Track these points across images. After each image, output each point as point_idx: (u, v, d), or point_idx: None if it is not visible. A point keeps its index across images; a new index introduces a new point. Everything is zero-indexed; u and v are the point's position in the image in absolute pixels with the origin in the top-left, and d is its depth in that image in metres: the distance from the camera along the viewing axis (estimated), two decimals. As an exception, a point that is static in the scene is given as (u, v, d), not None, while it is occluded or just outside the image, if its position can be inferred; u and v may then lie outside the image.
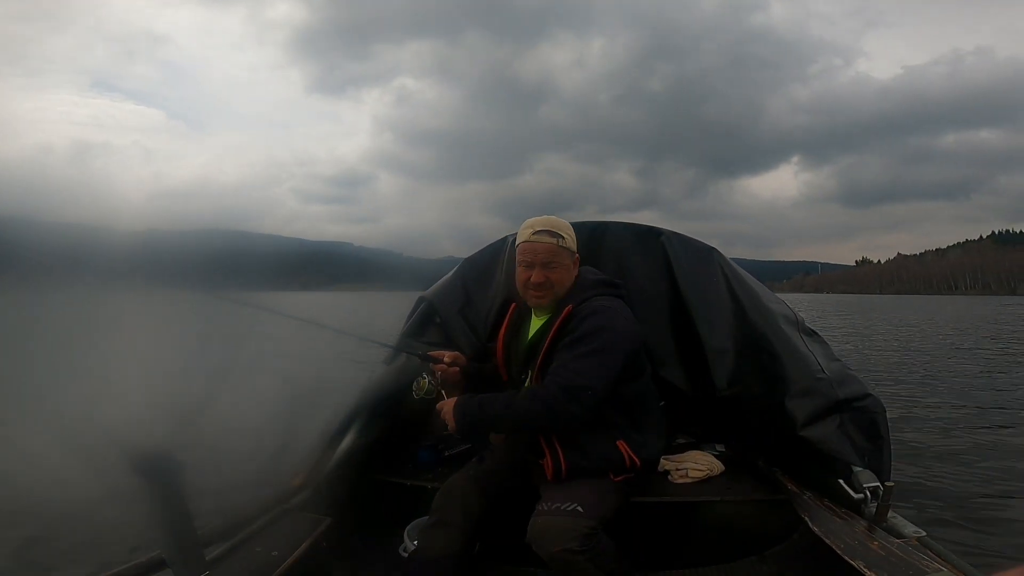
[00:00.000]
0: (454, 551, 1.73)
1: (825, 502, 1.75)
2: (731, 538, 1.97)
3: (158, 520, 1.17)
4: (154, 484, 1.11)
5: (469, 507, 1.78)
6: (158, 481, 1.11)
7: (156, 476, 1.10)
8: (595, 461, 1.69)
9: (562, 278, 1.73)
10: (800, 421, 1.84)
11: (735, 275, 2.28)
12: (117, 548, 2.77)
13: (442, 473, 2.14)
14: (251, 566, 1.48)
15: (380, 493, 2.22)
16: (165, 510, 1.15)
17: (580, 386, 1.55)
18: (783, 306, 2.28)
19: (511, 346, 1.90)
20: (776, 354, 2.01)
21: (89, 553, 2.82)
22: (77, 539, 2.94)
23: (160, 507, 1.14)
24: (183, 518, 1.19)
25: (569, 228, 1.77)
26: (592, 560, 1.54)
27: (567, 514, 1.57)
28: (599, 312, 1.65)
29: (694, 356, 2.21)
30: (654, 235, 2.41)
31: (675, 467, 2.07)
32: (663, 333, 2.29)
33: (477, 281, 2.46)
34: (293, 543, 1.61)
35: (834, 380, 1.92)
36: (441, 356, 1.87)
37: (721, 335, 2.16)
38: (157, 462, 1.10)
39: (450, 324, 2.35)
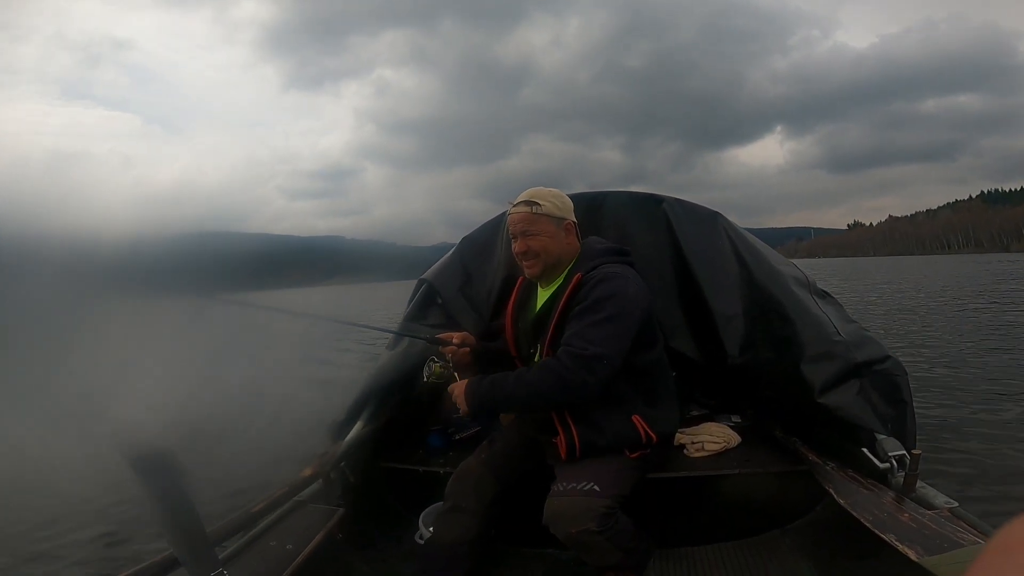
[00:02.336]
0: (470, 536, 1.71)
1: (849, 472, 1.69)
2: (751, 512, 1.94)
3: (166, 520, 1.12)
4: (155, 483, 1.06)
5: (483, 491, 1.75)
6: (159, 479, 1.06)
7: (157, 474, 1.06)
8: (610, 438, 1.63)
9: (546, 245, 1.66)
10: (817, 387, 1.77)
11: (741, 239, 2.21)
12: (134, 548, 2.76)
13: (453, 457, 2.11)
14: (266, 561, 1.45)
15: (392, 481, 2.20)
16: (171, 509, 1.11)
17: (594, 355, 1.48)
18: (793, 268, 2.21)
19: (519, 321, 1.84)
20: (788, 318, 1.94)
21: (104, 555, 2.81)
22: (91, 541, 2.93)
23: (165, 506, 1.10)
24: (191, 516, 1.15)
25: (554, 196, 1.69)
26: (611, 539, 1.51)
27: (583, 494, 1.52)
28: (609, 279, 1.58)
29: (703, 324, 2.15)
30: (655, 202, 2.35)
31: (691, 440, 2.03)
32: (670, 302, 2.23)
33: (477, 259, 2.41)
34: (307, 536, 1.57)
35: (851, 343, 1.84)
36: (450, 338, 1.81)
37: (729, 301, 2.10)
38: (156, 460, 1.05)
39: (451, 304, 2.29)
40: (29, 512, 3.19)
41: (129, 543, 2.87)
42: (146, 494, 1.06)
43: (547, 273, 1.71)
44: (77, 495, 3.28)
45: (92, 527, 3.13)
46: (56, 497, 3.37)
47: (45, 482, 3.38)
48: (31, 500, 3.23)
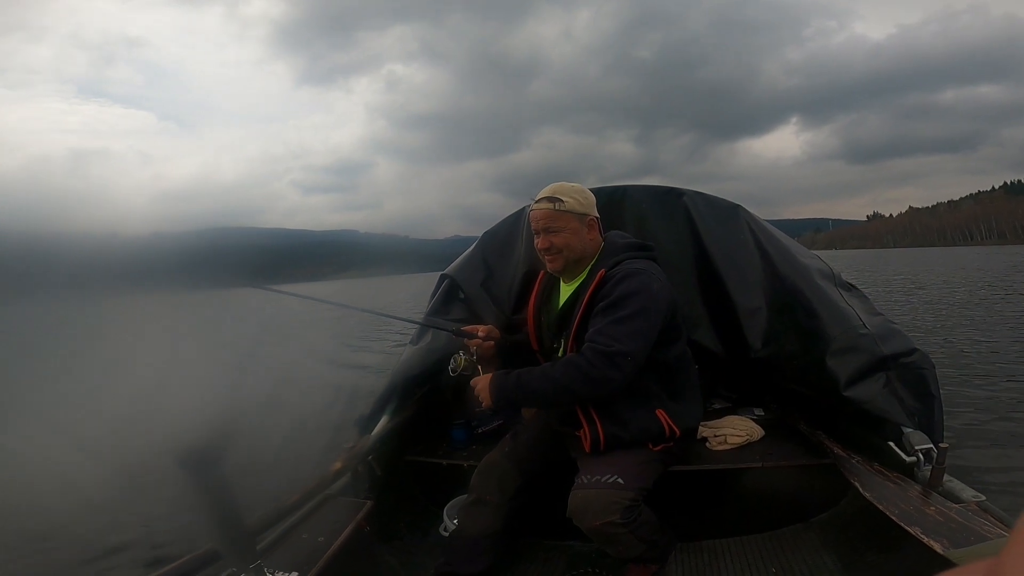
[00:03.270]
0: (494, 529, 1.73)
1: (875, 466, 1.67)
2: (774, 505, 1.92)
3: (209, 513, 1.16)
4: (201, 477, 1.10)
5: (506, 484, 1.77)
6: (204, 473, 1.09)
7: (202, 469, 1.09)
8: (634, 432, 1.64)
9: (568, 241, 1.67)
10: (843, 380, 1.76)
11: (763, 231, 2.19)
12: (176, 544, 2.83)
13: (477, 451, 2.13)
14: (299, 553, 1.49)
15: (417, 474, 2.23)
16: (214, 502, 1.15)
17: (618, 352, 1.49)
18: (817, 260, 2.19)
19: (541, 316, 1.85)
20: (812, 310, 1.92)
21: (148, 550, 2.90)
22: (134, 538, 3.03)
23: (209, 500, 1.14)
24: (232, 510, 1.18)
25: (577, 192, 1.70)
26: (634, 532, 1.52)
27: (607, 486, 1.54)
28: (633, 275, 1.59)
29: (726, 317, 2.14)
30: (676, 195, 2.33)
31: (713, 434, 2.03)
32: (692, 295, 2.22)
33: (498, 254, 2.42)
34: (337, 528, 1.61)
35: (877, 335, 1.81)
36: (475, 331, 1.83)
37: (752, 293, 2.08)
38: (201, 455, 1.08)
39: (474, 299, 2.31)
40: (60, 515, 3.29)
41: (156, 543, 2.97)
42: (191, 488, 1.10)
43: (570, 268, 1.72)
44: (103, 496, 3.37)
45: (121, 527, 3.23)
46: (83, 499, 3.47)
47: (75, 484, 3.48)
48: (59, 503, 3.32)
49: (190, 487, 1.09)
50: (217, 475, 1.11)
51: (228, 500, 1.16)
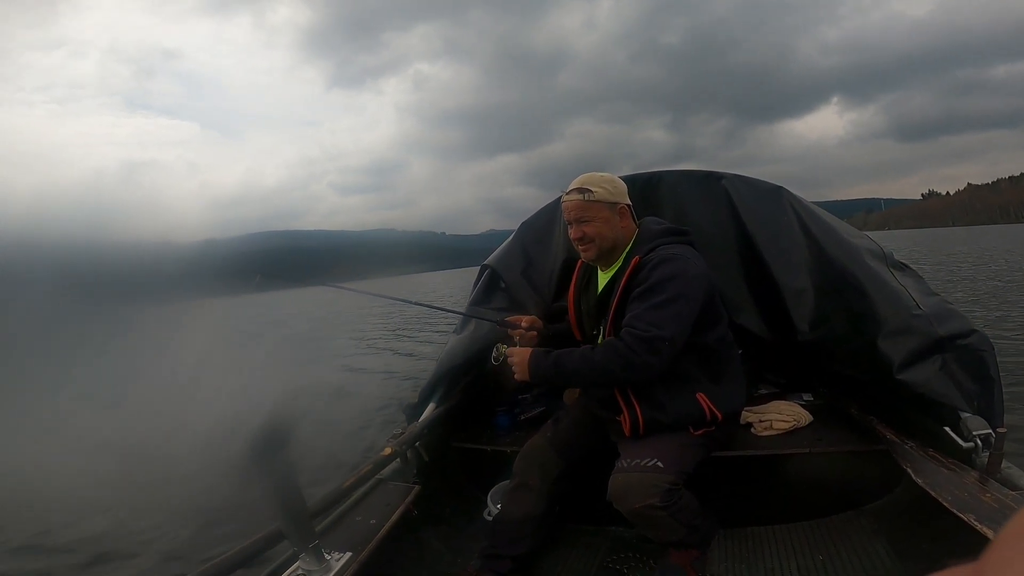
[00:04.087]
0: (536, 513, 1.77)
1: (930, 452, 1.62)
2: (823, 492, 1.88)
3: (274, 495, 1.24)
4: (268, 459, 1.17)
5: (548, 469, 1.81)
6: (271, 456, 1.17)
7: (269, 450, 1.17)
8: (674, 416, 1.65)
9: (600, 231, 1.68)
10: (897, 363, 1.70)
11: (808, 212, 2.13)
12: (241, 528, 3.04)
13: (519, 437, 2.18)
14: (353, 535, 1.57)
15: (462, 459, 2.30)
16: (279, 483, 1.22)
17: (656, 337, 1.50)
18: (867, 240, 2.11)
19: (581, 303, 1.87)
20: (863, 291, 1.85)
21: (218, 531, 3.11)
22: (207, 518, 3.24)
23: (275, 482, 1.21)
24: (295, 492, 1.26)
25: (606, 181, 1.70)
26: (674, 515, 1.53)
27: (647, 470, 1.55)
28: (668, 260, 1.59)
29: (771, 300, 2.09)
30: (714, 179, 2.29)
31: (758, 419, 2.00)
32: (735, 278, 2.18)
33: (536, 243, 2.45)
34: (387, 512, 1.68)
35: (932, 316, 1.74)
36: (519, 321, 1.87)
37: (798, 275, 2.02)
38: (269, 436, 1.16)
39: (514, 288, 2.35)
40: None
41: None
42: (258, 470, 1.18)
43: (604, 257, 1.73)
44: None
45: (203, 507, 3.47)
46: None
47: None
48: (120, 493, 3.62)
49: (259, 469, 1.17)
50: (282, 458, 1.18)
51: (292, 482, 1.24)
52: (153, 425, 4.54)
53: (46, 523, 3.45)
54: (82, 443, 4.40)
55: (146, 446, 4.44)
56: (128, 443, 4.40)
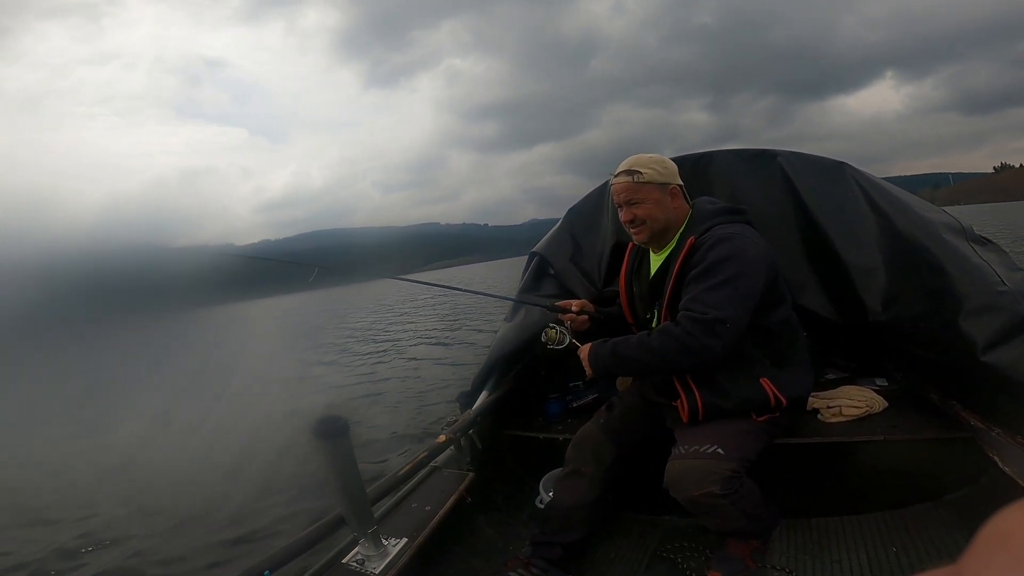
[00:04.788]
0: (589, 500, 1.75)
1: (1018, 439, 1.51)
2: (898, 482, 1.77)
3: (336, 480, 1.28)
4: (331, 446, 1.21)
5: (601, 456, 1.78)
6: (335, 443, 1.20)
7: (331, 436, 1.20)
8: (735, 401, 1.59)
9: (651, 212, 1.64)
10: (980, 344, 1.57)
11: (875, 187, 2.00)
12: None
13: (571, 424, 2.17)
14: (409, 520, 1.62)
15: (515, 447, 2.31)
16: (341, 470, 1.26)
17: (716, 319, 1.45)
18: (943, 214, 1.96)
19: (633, 287, 1.83)
20: (940, 267, 1.73)
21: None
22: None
23: (337, 468, 1.25)
24: (356, 478, 1.30)
25: (655, 162, 1.66)
26: (735, 504, 1.48)
27: (707, 457, 1.50)
28: (726, 239, 1.53)
29: (837, 280, 1.99)
30: (769, 157, 2.20)
31: (826, 405, 1.91)
32: (796, 258, 2.09)
33: (584, 228, 2.44)
34: (442, 498, 1.72)
35: (1020, 293, 1.62)
36: (569, 306, 1.86)
37: (867, 252, 1.91)
38: (331, 424, 1.19)
39: (564, 274, 2.35)
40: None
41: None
42: (322, 456, 1.22)
43: (656, 239, 1.69)
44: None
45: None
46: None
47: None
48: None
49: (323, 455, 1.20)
50: (344, 444, 1.22)
51: (353, 469, 1.27)
52: (236, 416, 4.89)
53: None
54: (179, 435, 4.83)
55: (228, 435, 4.79)
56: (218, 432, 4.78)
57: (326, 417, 1.23)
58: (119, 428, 5.73)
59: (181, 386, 6.94)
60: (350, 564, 1.44)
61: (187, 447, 4.71)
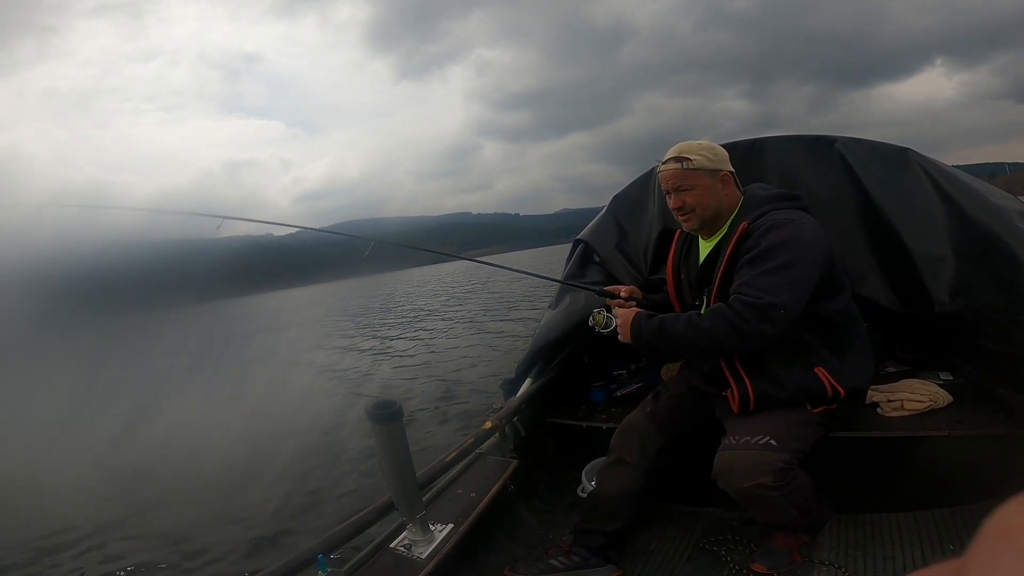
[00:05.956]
0: (633, 489, 1.74)
1: None
2: (961, 479, 1.70)
3: (388, 465, 1.31)
4: (384, 427, 1.23)
5: (647, 445, 1.76)
6: (388, 427, 1.22)
7: (386, 420, 1.22)
8: (789, 391, 1.54)
9: (701, 199, 1.61)
10: None
11: (941, 173, 1.92)
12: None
13: (615, 413, 2.16)
14: (456, 506, 1.65)
15: (558, 435, 2.32)
16: (393, 454, 1.29)
17: (770, 303, 1.41)
18: (1016, 201, 1.89)
19: (681, 274, 1.80)
20: (1014, 256, 1.65)
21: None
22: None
23: (389, 452, 1.27)
24: (407, 463, 1.32)
25: (705, 148, 1.62)
26: (787, 496, 1.44)
27: (759, 447, 1.47)
28: (781, 225, 1.49)
29: (901, 268, 1.90)
30: (826, 143, 2.13)
31: (887, 398, 1.83)
32: (857, 245, 2.01)
33: (630, 215, 2.42)
34: (486, 485, 1.74)
35: None
36: (617, 291, 1.84)
37: (935, 240, 1.83)
38: (385, 408, 1.21)
39: (609, 261, 2.34)
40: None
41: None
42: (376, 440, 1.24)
43: (707, 225, 1.65)
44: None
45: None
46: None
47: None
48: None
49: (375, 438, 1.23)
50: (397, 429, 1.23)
51: (405, 453, 1.29)
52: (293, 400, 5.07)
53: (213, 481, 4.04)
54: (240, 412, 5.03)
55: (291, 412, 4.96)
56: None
57: (380, 401, 1.25)
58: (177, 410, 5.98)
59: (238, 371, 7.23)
60: (398, 548, 1.48)
61: (246, 430, 4.90)
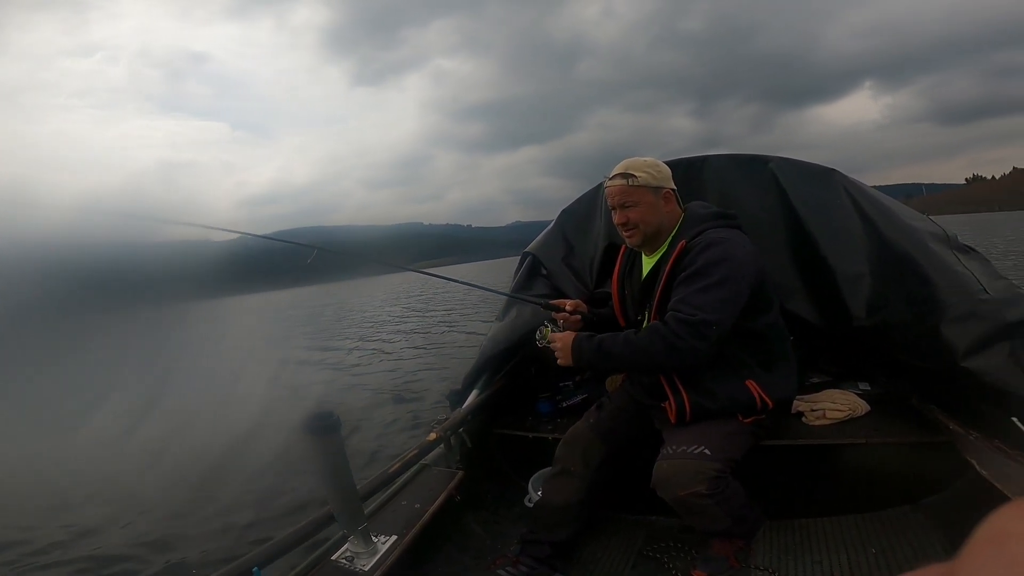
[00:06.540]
0: (577, 500, 1.77)
1: (996, 443, 1.54)
2: (879, 485, 1.81)
3: (328, 477, 1.26)
4: (321, 440, 1.19)
5: (590, 455, 1.80)
6: (326, 439, 1.19)
7: (322, 432, 1.19)
8: (722, 402, 1.61)
9: (644, 216, 1.66)
10: (961, 350, 1.61)
11: (863, 194, 2.05)
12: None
13: (561, 424, 2.18)
14: (400, 518, 1.62)
15: (504, 446, 2.32)
16: (331, 466, 1.25)
17: (703, 320, 1.47)
18: (929, 223, 2.01)
19: (625, 288, 1.86)
20: (925, 275, 1.77)
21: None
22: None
23: (328, 464, 1.23)
24: (346, 474, 1.29)
25: (649, 166, 1.68)
26: (720, 504, 1.50)
27: (694, 457, 1.53)
28: (716, 243, 1.56)
29: (824, 285, 2.02)
30: (761, 162, 2.23)
31: (810, 408, 1.94)
32: (785, 263, 2.12)
33: (577, 230, 2.46)
34: (432, 496, 1.72)
35: (1000, 300, 1.65)
36: (563, 305, 1.87)
37: (854, 258, 1.95)
38: (322, 420, 1.18)
39: (556, 274, 2.37)
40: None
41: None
42: (314, 453, 1.20)
43: (649, 242, 1.71)
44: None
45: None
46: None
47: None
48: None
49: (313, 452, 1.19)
50: (335, 441, 1.20)
51: (344, 465, 1.26)
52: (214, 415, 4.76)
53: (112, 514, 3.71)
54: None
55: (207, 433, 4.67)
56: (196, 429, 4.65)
57: (317, 413, 1.22)
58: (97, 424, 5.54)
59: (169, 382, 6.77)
60: (339, 561, 1.43)
61: (176, 441, 4.59)
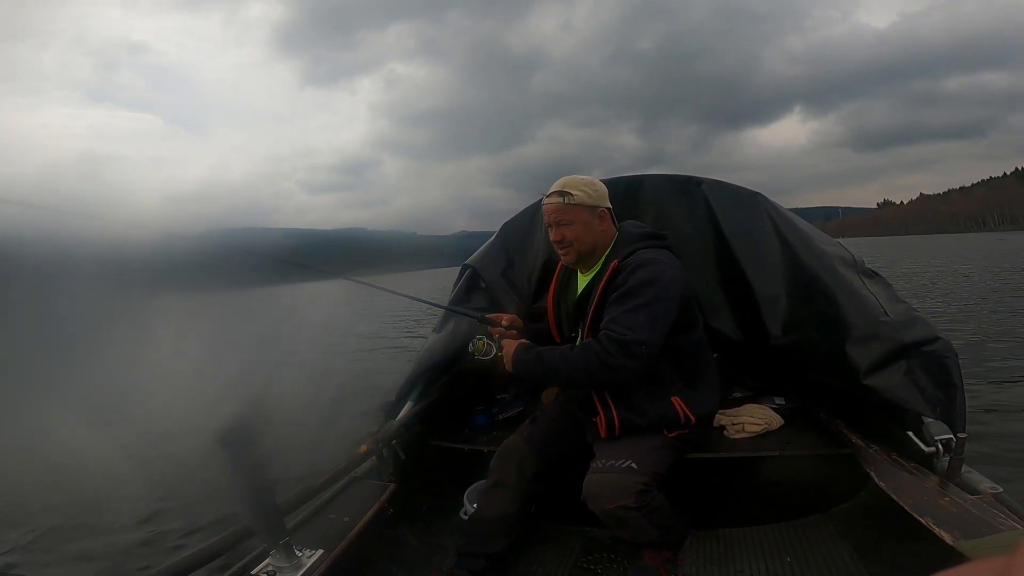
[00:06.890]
0: (512, 511, 1.77)
1: (893, 456, 1.65)
2: (792, 495, 1.91)
3: (243, 491, 1.20)
4: (237, 455, 1.14)
5: (524, 468, 1.81)
6: (240, 451, 1.13)
7: (237, 447, 1.13)
8: (650, 418, 1.66)
9: (579, 234, 1.69)
10: (863, 368, 1.73)
11: (783, 218, 2.17)
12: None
13: (497, 436, 2.16)
14: (326, 531, 1.53)
15: (440, 458, 2.27)
16: (248, 480, 1.19)
17: (633, 340, 1.52)
18: (839, 248, 2.15)
19: (560, 305, 1.88)
20: (833, 297, 1.89)
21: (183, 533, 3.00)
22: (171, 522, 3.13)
23: (244, 477, 1.18)
24: (264, 488, 1.23)
25: (586, 184, 1.71)
26: (647, 516, 1.55)
27: (621, 471, 1.56)
28: (646, 264, 1.60)
29: (745, 305, 2.13)
30: (694, 184, 2.33)
31: (731, 421, 2.03)
32: (711, 283, 2.22)
33: (517, 244, 2.47)
34: (362, 509, 1.65)
35: (899, 323, 1.77)
36: (499, 319, 1.86)
37: (772, 281, 2.07)
38: (237, 433, 1.12)
39: (494, 288, 2.36)
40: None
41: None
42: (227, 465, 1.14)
43: (583, 260, 1.74)
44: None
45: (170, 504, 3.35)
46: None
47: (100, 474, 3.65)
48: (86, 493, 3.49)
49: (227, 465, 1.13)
50: (252, 453, 1.15)
51: (261, 479, 1.20)
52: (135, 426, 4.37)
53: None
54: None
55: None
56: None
57: (231, 424, 1.16)
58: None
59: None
60: (260, 575, 1.36)
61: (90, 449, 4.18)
